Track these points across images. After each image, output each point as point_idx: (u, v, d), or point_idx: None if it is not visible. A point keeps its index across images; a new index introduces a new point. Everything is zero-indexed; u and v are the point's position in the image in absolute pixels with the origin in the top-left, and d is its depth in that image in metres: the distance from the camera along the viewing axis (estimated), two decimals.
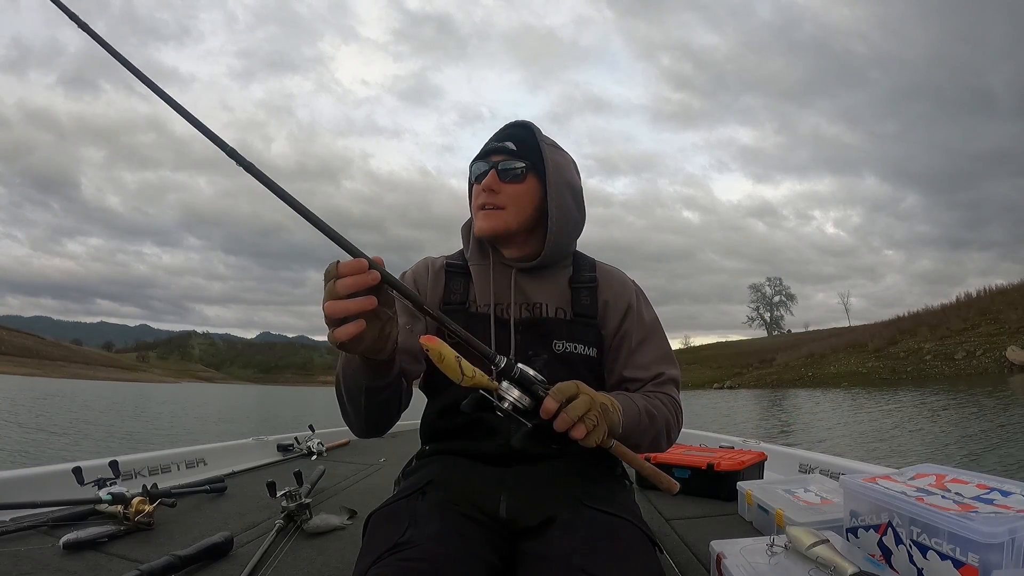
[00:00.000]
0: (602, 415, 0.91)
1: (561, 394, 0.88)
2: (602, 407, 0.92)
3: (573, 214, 1.25)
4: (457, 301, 1.23)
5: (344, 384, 1.02)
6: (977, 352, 30.58)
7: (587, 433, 0.89)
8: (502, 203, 1.19)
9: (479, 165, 1.23)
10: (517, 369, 0.89)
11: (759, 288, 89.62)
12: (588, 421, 0.89)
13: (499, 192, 1.19)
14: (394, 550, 0.88)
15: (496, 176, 1.19)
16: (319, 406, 25.10)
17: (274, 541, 1.45)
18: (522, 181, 1.20)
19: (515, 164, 1.20)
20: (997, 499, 1.06)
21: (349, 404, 1.04)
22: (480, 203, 1.21)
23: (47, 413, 16.57)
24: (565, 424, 0.88)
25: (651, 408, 1.10)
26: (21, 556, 1.30)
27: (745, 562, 1.12)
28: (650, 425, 1.08)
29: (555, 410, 0.88)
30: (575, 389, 0.90)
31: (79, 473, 1.75)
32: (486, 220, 1.20)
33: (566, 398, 0.88)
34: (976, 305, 38.18)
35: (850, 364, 37.67)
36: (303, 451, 2.97)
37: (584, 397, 0.90)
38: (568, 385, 0.90)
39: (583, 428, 0.88)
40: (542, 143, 1.21)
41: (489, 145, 1.23)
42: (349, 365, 0.98)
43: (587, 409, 0.89)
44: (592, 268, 1.29)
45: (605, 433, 0.92)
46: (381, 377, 0.97)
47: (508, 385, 0.89)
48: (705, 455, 2.17)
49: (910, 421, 13.09)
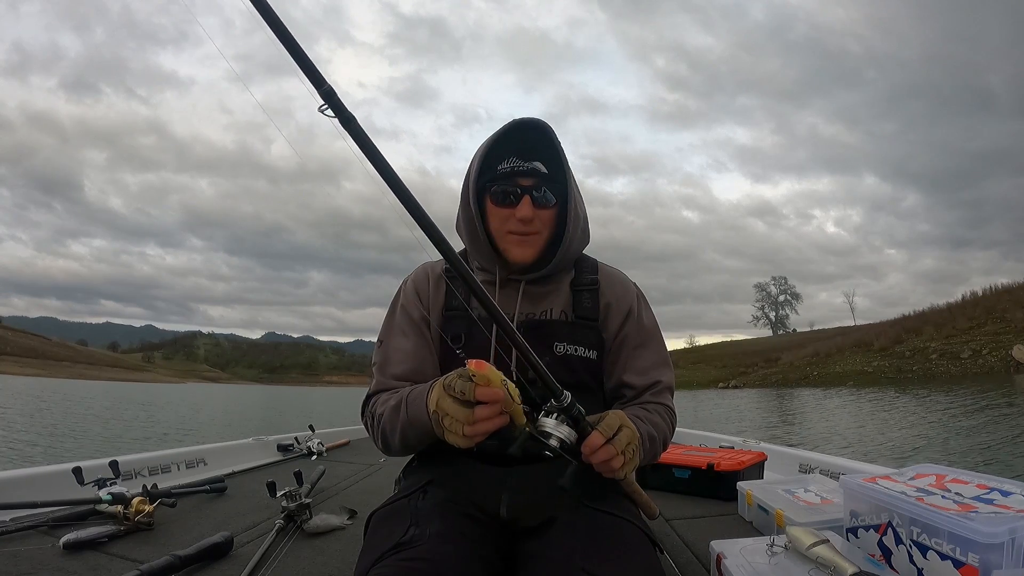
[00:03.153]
0: (639, 448, 0.97)
1: (609, 429, 0.92)
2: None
3: (584, 226, 1.25)
4: (459, 306, 1.23)
5: (401, 435, 1.07)
6: (983, 351, 30.40)
7: (623, 464, 0.92)
8: (537, 229, 1.17)
9: (507, 186, 1.17)
10: (577, 408, 0.91)
11: (764, 287, 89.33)
12: (627, 454, 0.93)
13: (534, 220, 1.16)
14: (396, 550, 0.88)
15: (531, 203, 1.15)
16: (324, 406, 25.16)
17: (274, 541, 1.45)
18: (555, 206, 1.19)
19: (551, 193, 1.17)
20: (997, 499, 1.05)
21: (399, 444, 1.10)
22: (514, 230, 1.17)
23: (48, 413, 16.65)
24: (608, 455, 0.91)
25: (653, 432, 1.11)
26: (21, 556, 1.30)
27: (745, 562, 1.12)
28: (650, 448, 1.10)
29: (600, 445, 0.90)
30: (620, 420, 0.94)
31: (79, 473, 1.75)
32: (526, 248, 1.18)
33: (612, 432, 0.92)
34: (982, 304, 37.96)
35: (855, 363, 37.50)
36: (303, 451, 2.97)
37: (628, 431, 0.94)
38: (613, 417, 0.94)
39: (621, 460, 0.92)
40: (563, 157, 1.18)
41: (512, 164, 1.16)
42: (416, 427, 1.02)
43: (629, 443, 0.93)
44: (594, 270, 1.28)
45: (636, 467, 0.97)
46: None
47: (552, 422, 0.91)
48: (705, 455, 2.17)
49: (920, 421, 13.03)
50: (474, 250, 1.25)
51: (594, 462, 0.91)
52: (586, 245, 1.30)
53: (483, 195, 1.20)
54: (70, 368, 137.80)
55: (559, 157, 1.17)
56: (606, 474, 0.93)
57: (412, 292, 1.25)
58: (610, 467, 0.92)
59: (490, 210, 1.20)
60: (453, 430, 0.88)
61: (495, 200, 1.18)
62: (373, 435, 1.15)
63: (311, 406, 27.77)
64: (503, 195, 1.16)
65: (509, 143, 1.16)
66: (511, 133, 1.16)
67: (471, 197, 1.20)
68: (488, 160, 1.18)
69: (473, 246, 1.24)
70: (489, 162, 1.18)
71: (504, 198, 1.16)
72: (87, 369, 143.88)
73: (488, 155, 1.18)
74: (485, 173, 1.19)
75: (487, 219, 1.20)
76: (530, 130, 1.16)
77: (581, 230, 1.25)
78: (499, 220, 1.18)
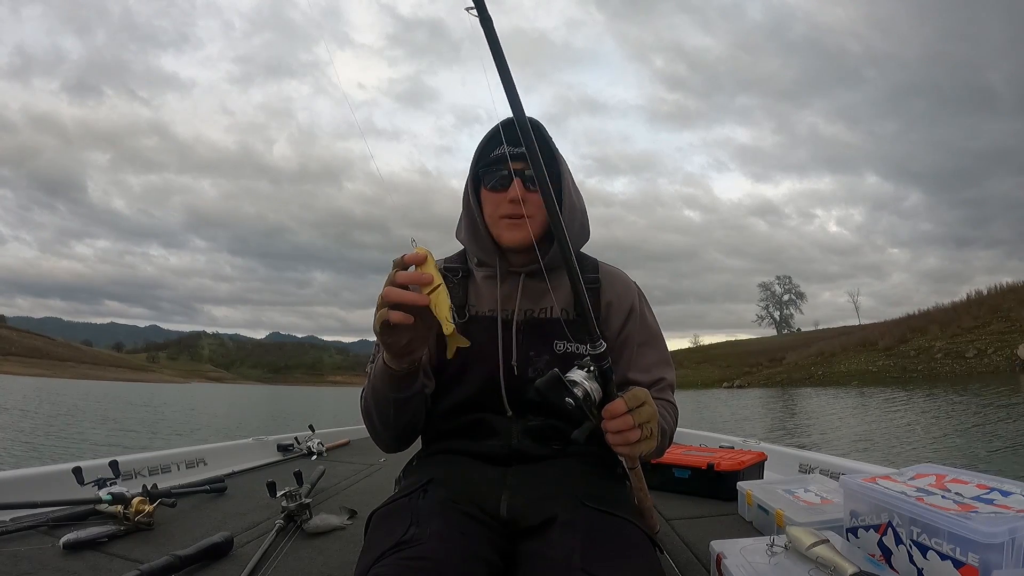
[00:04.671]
0: (656, 430, 0.97)
1: (635, 400, 0.93)
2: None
3: (583, 219, 1.26)
4: (456, 305, 1.24)
5: (374, 396, 1.08)
6: (988, 350, 30.29)
7: (639, 440, 0.93)
8: (530, 212, 1.17)
9: (498, 171, 1.19)
10: (608, 362, 0.93)
11: (769, 287, 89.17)
12: (646, 429, 0.94)
13: (526, 202, 1.16)
14: (396, 548, 0.88)
15: (522, 185, 1.16)
16: (328, 406, 25.18)
17: (274, 541, 1.45)
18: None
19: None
20: (997, 499, 1.05)
21: (378, 418, 1.11)
22: (506, 213, 1.18)
23: (49, 412, 16.72)
24: (626, 425, 0.92)
25: (665, 425, 1.12)
26: (21, 556, 1.30)
27: (745, 562, 1.11)
28: (661, 439, 1.10)
29: (622, 412, 0.92)
30: (645, 396, 0.95)
31: (79, 473, 1.75)
32: (517, 231, 1.18)
33: (637, 404, 0.93)
34: (987, 303, 37.79)
35: (860, 363, 37.41)
36: (303, 451, 2.97)
37: (650, 408, 0.95)
38: (640, 391, 0.95)
39: (638, 433, 0.93)
40: (555, 148, 1.20)
41: (504, 149, 1.18)
42: (379, 378, 1.04)
43: (649, 419, 0.94)
44: (595, 269, 1.29)
45: (652, 449, 0.98)
46: (405, 389, 1.03)
47: (583, 373, 0.93)
48: (705, 455, 2.17)
49: (921, 420, 12.99)
50: (473, 242, 1.26)
51: (610, 429, 0.93)
52: (585, 242, 1.30)
53: (479, 187, 1.23)
54: (74, 368, 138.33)
55: (550, 148, 1.20)
56: (619, 449, 0.95)
57: None
58: (626, 438, 0.93)
59: (484, 198, 1.22)
60: (380, 308, 0.88)
61: (488, 186, 1.20)
62: (366, 424, 1.17)
63: (316, 406, 27.80)
64: (494, 179, 1.19)
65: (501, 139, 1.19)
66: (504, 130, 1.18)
67: (470, 192, 1.24)
68: (483, 156, 1.22)
69: (473, 238, 1.26)
70: (484, 158, 1.21)
71: (496, 182, 1.19)
72: (91, 369, 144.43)
73: (483, 152, 1.22)
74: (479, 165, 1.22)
75: (484, 210, 1.23)
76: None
77: (579, 223, 1.25)
78: (493, 206, 1.20)
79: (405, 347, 0.94)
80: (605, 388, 0.93)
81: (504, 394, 1.16)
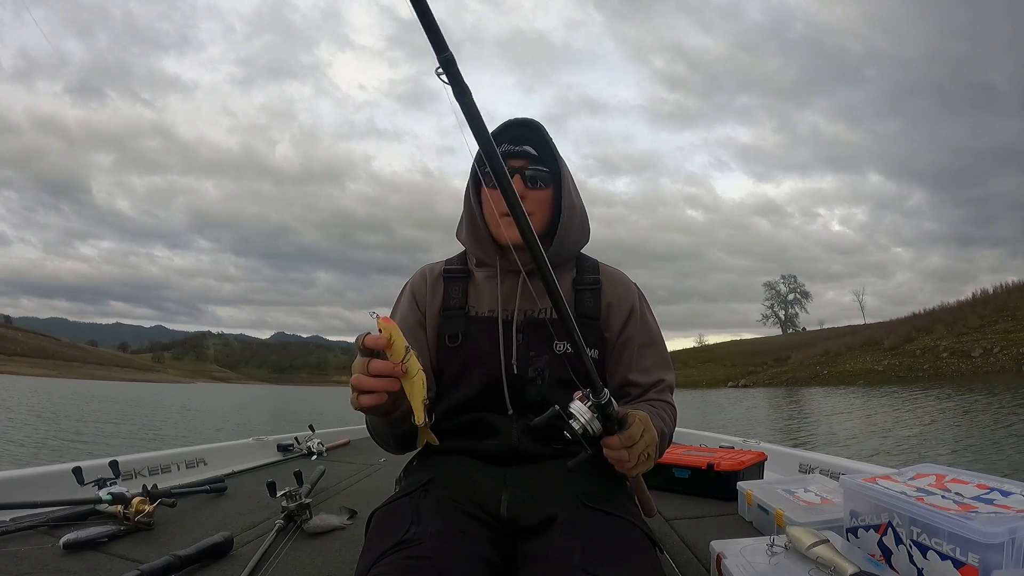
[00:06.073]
0: (655, 452, 1.00)
1: (630, 440, 0.94)
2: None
3: (583, 218, 1.27)
4: (456, 306, 1.24)
5: (372, 427, 1.15)
6: (994, 349, 30.12)
7: (634, 466, 0.96)
8: (530, 209, 1.18)
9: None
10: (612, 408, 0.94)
11: (773, 286, 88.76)
12: (640, 459, 0.96)
13: (526, 199, 1.18)
14: (397, 548, 0.88)
15: (523, 182, 1.18)
16: (333, 406, 25.19)
17: (274, 541, 1.45)
18: (547, 187, 1.21)
19: (541, 170, 1.20)
20: (997, 499, 1.05)
21: (380, 440, 1.17)
22: (505, 210, 1.19)
23: (50, 413, 16.78)
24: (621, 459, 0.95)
25: (665, 430, 1.14)
26: (21, 556, 1.31)
27: (745, 562, 1.11)
28: (660, 447, 1.12)
29: (616, 448, 0.94)
30: (641, 429, 0.96)
31: (79, 473, 1.76)
32: (514, 228, 1.18)
33: (631, 443, 0.94)
34: (993, 302, 37.58)
35: (865, 362, 37.26)
36: (303, 451, 2.97)
37: (648, 436, 0.97)
38: (637, 426, 0.96)
39: (633, 463, 0.95)
40: (555, 148, 1.21)
41: (504, 148, 1.19)
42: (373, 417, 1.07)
43: (645, 448, 0.96)
44: (595, 270, 1.29)
45: (649, 468, 1.00)
46: (401, 425, 1.03)
47: (584, 408, 0.93)
48: (705, 455, 2.16)
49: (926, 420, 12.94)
50: (474, 241, 1.27)
51: (607, 456, 0.96)
52: (586, 242, 1.31)
53: (479, 186, 1.23)
54: (80, 368, 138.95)
55: (550, 149, 1.21)
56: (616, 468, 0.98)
57: (409, 297, 1.28)
58: (621, 465, 0.96)
59: (485, 196, 1.22)
60: (353, 390, 0.87)
61: (488, 183, 1.19)
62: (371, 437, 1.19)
63: (320, 406, 27.82)
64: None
65: (502, 138, 1.20)
66: (505, 131, 1.21)
67: (471, 192, 1.24)
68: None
69: (473, 236, 1.26)
70: None
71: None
72: (97, 369, 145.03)
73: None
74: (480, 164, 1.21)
75: (484, 208, 1.23)
76: (522, 127, 1.21)
77: (579, 222, 1.26)
78: (492, 203, 1.20)
79: (386, 411, 0.93)
80: (605, 424, 0.94)
81: (507, 394, 1.16)
